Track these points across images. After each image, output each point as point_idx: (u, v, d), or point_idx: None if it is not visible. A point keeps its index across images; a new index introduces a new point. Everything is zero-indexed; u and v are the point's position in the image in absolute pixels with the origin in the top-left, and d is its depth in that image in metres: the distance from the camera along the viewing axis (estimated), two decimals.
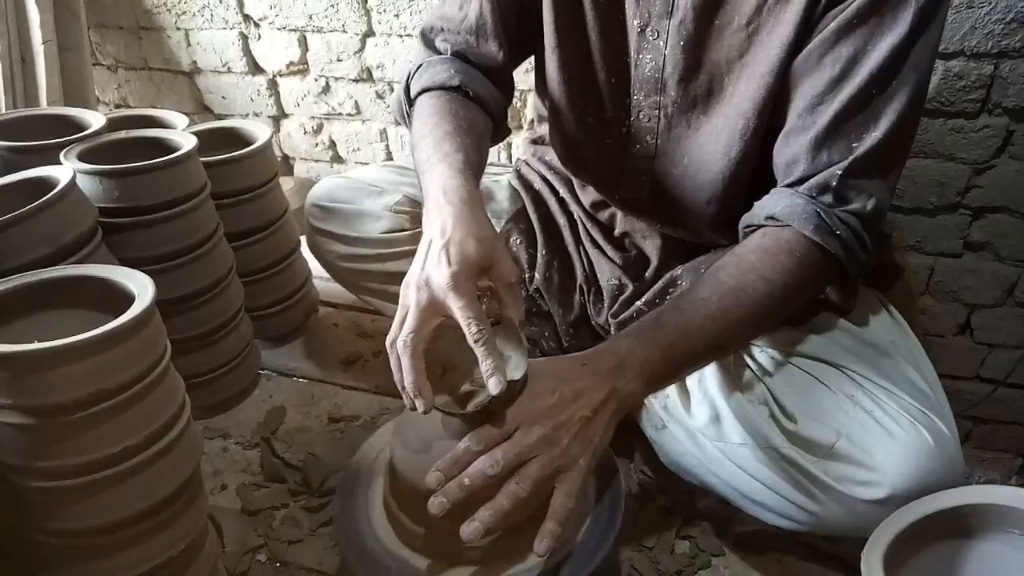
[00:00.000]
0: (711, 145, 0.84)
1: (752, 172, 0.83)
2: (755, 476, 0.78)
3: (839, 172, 0.74)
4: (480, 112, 0.90)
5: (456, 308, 0.67)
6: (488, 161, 0.93)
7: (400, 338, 0.69)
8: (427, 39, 0.94)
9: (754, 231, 0.79)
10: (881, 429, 0.73)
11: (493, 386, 0.65)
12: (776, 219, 0.76)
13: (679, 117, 0.85)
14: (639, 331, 0.73)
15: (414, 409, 0.69)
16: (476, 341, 0.66)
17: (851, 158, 0.74)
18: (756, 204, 0.80)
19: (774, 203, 0.77)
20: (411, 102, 0.91)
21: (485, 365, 0.66)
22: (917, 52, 0.71)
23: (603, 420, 0.70)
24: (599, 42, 0.86)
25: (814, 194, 0.75)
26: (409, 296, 0.70)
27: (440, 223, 0.72)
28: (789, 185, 0.78)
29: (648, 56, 0.84)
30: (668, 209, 0.92)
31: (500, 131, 0.96)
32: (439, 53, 0.92)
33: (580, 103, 0.91)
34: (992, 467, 1.43)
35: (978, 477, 1.38)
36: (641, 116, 0.88)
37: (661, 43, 0.82)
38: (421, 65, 0.91)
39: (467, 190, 0.75)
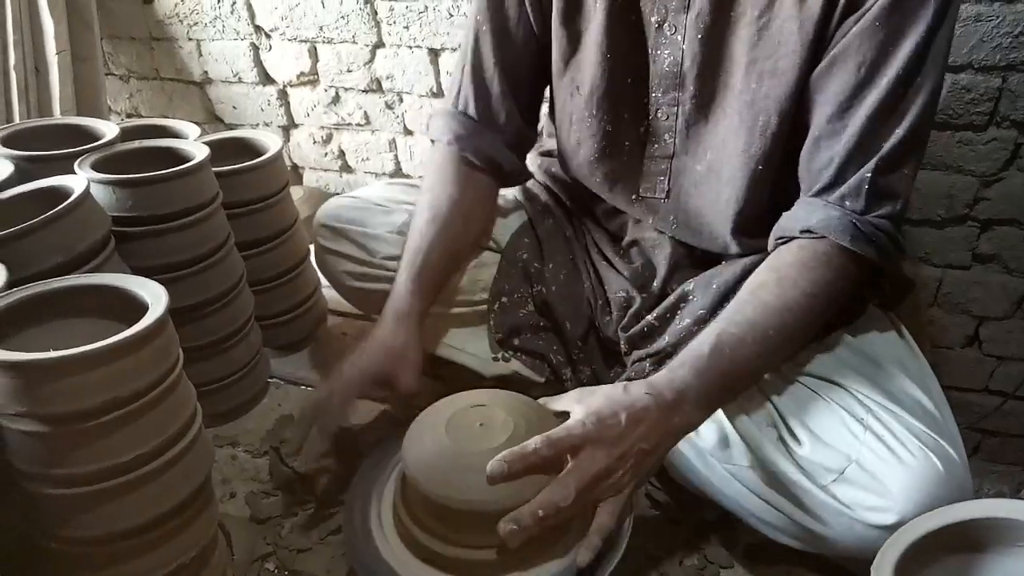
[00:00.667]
0: (732, 142, 0.84)
1: (776, 173, 0.83)
2: (763, 498, 0.77)
3: (868, 175, 0.75)
4: (475, 175, 1.00)
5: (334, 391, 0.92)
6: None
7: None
8: (449, 98, 1.03)
9: (786, 243, 0.79)
10: (891, 455, 0.72)
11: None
12: (812, 232, 0.76)
13: (697, 113, 0.86)
14: (695, 362, 0.74)
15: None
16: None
17: (877, 157, 0.74)
18: (786, 216, 0.80)
19: (807, 215, 0.77)
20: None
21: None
22: (937, 46, 0.72)
23: (659, 455, 0.74)
24: (614, 46, 0.87)
25: (846, 203, 0.76)
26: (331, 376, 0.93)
27: (378, 324, 0.95)
28: (818, 193, 0.78)
29: (666, 52, 0.85)
30: (687, 210, 0.92)
31: (512, 177, 1.04)
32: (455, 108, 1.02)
33: (596, 112, 0.92)
34: (1001, 480, 1.42)
35: (987, 490, 1.37)
36: (659, 114, 0.88)
37: (679, 38, 0.83)
38: (433, 115, 1.04)
39: (404, 309, 0.94)
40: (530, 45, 0.96)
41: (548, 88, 1.01)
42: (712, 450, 0.80)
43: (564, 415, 0.75)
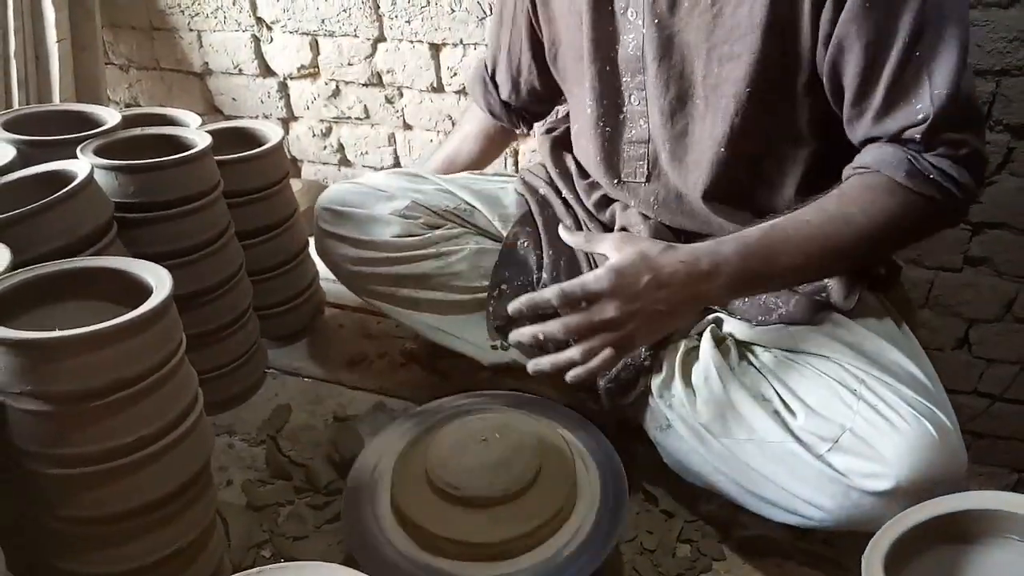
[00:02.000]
0: (698, 126, 0.87)
1: (742, 153, 0.85)
2: (761, 472, 0.78)
3: (917, 136, 0.75)
4: (491, 126, 1.22)
5: None
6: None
7: None
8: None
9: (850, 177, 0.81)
10: (885, 422, 0.74)
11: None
12: (866, 167, 0.78)
13: (662, 99, 0.89)
14: (743, 240, 0.77)
15: None
16: None
17: (926, 124, 0.74)
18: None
19: (865, 155, 0.79)
20: None
21: None
22: (943, 2, 0.72)
23: (676, 317, 0.79)
24: (592, 33, 0.91)
25: (903, 141, 0.76)
26: None
27: None
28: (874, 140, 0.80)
29: (631, 36, 0.88)
30: (665, 193, 0.95)
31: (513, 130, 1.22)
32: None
33: (580, 96, 0.97)
34: (990, 482, 1.44)
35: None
36: (632, 99, 0.92)
37: (640, 22, 0.86)
38: (473, 77, 1.21)
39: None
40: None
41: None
42: (709, 425, 0.81)
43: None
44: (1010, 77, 1.15)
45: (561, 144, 1.09)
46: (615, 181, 0.99)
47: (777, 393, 0.81)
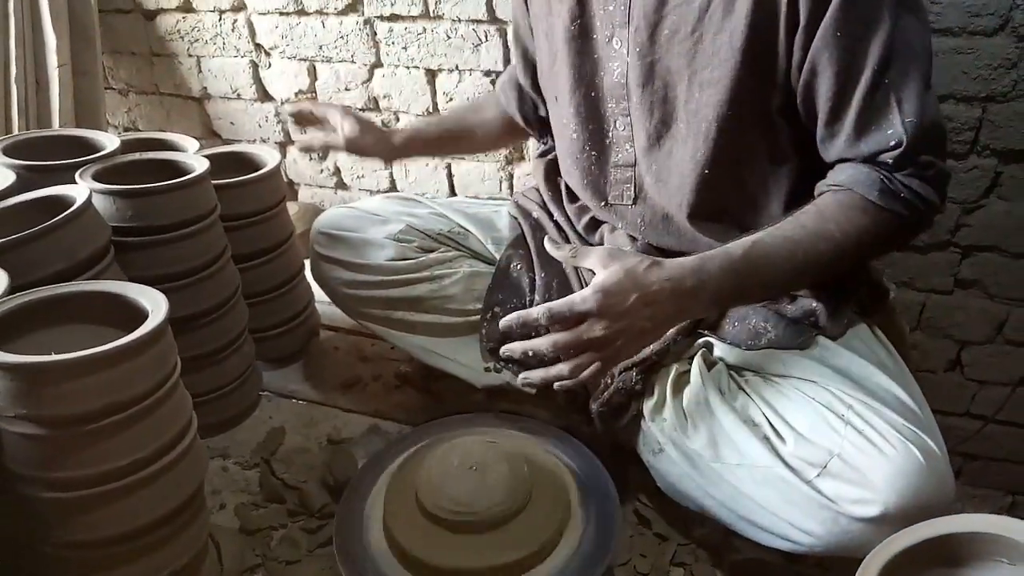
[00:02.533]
0: (678, 151, 0.89)
1: (723, 173, 0.87)
2: (752, 497, 0.79)
3: (889, 160, 0.78)
4: (495, 104, 1.20)
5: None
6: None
7: None
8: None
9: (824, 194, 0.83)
10: (873, 448, 0.74)
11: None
12: (840, 186, 0.81)
13: (645, 123, 0.91)
14: (727, 258, 0.79)
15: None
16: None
17: (900, 150, 0.77)
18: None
19: (839, 173, 0.82)
20: None
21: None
22: (908, 31, 0.76)
23: (661, 331, 0.81)
24: (577, 60, 0.94)
25: (876, 163, 0.79)
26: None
27: None
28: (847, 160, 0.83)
29: (615, 64, 0.91)
30: (652, 215, 0.96)
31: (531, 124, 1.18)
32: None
33: (566, 120, 0.99)
34: (983, 504, 1.44)
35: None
36: (618, 124, 0.94)
37: (624, 51, 0.89)
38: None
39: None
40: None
41: None
42: (701, 450, 0.82)
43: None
44: (995, 103, 1.17)
45: (554, 168, 1.11)
46: (602, 204, 1.00)
47: (767, 418, 0.81)
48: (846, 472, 0.74)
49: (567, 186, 1.08)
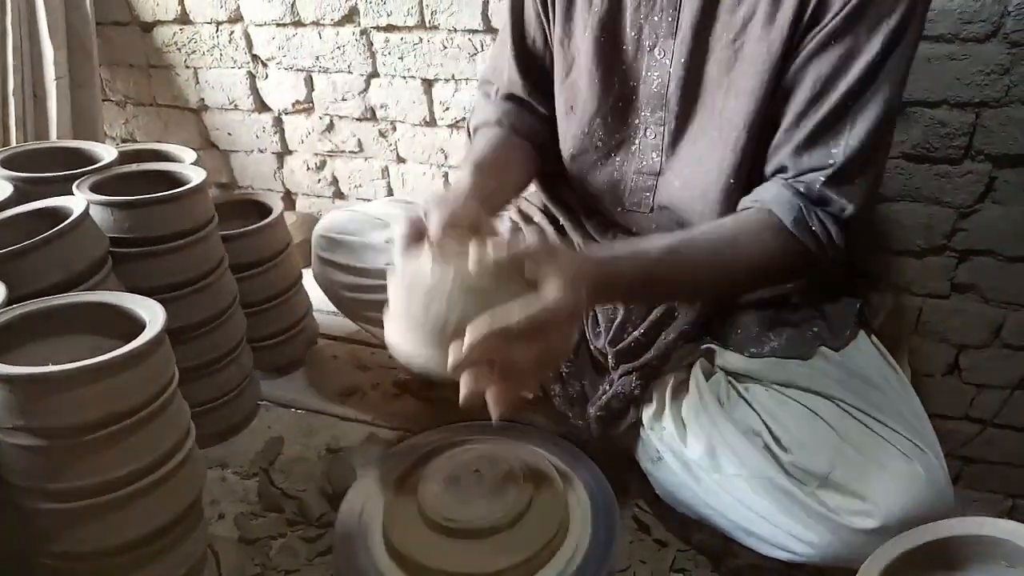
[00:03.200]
0: (708, 157, 0.88)
1: (744, 183, 0.87)
2: (751, 507, 0.79)
3: (821, 179, 0.80)
4: (515, 134, 1.04)
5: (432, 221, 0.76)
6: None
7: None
8: (484, 90, 1.09)
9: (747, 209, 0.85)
10: (873, 460, 0.74)
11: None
12: (762, 203, 0.82)
13: (681, 132, 0.90)
14: (641, 260, 0.78)
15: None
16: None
17: (832, 169, 0.79)
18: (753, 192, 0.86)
19: (765, 191, 0.83)
20: (471, 138, 1.08)
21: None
22: (891, 66, 0.77)
23: (566, 344, 0.74)
24: (604, 71, 0.92)
25: (801, 189, 0.81)
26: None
27: None
28: (779, 175, 0.84)
29: (655, 74, 0.90)
30: (667, 223, 0.96)
31: (547, 152, 1.06)
32: (492, 99, 1.07)
33: (589, 126, 0.97)
34: (983, 508, 1.43)
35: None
36: (648, 133, 0.93)
37: (667, 61, 0.88)
38: (475, 108, 1.09)
39: (466, 183, 0.88)
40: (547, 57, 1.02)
41: None
42: (700, 460, 0.82)
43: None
44: (989, 108, 1.18)
45: (555, 179, 1.10)
46: (619, 209, 1.00)
47: (767, 427, 0.81)
48: (847, 484, 0.74)
49: (574, 193, 1.07)
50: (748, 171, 0.86)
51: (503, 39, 1.05)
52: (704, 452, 0.82)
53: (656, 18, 0.87)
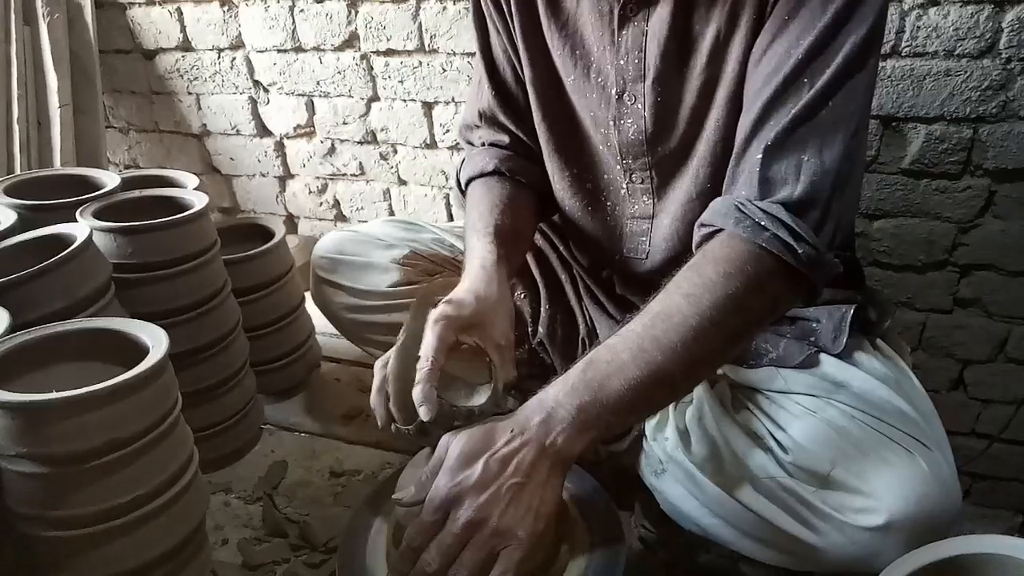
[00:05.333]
0: (693, 186, 0.87)
1: None
2: (755, 511, 0.78)
3: (758, 156, 0.72)
4: (519, 187, 0.99)
5: (425, 343, 0.75)
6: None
7: (379, 361, 0.77)
8: (466, 137, 1.06)
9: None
10: (876, 456, 0.73)
11: (423, 413, 0.71)
12: (704, 224, 0.76)
13: (669, 171, 0.89)
14: (568, 376, 0.70)
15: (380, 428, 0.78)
16: (419, 369, 0.72)
17: (765, 142, 0.72)
18: None
19: (703, 213, 0.77)
20: (464, 192, 1.03)
21: (417, 393, 0.71)
22: (842, 40, 0.71)
23: (539, 481, 0.67)
24: (584, 113, 0.91)
25: (741, 192, 0.74)
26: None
27: (463, 278, 0.85)
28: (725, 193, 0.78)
29: (629, 121, 0.87)
30: (665, 263, 0.94)
31: (549, 202, 1.03)
32: (476, 146, 1.03)
33: (575, 171, 0.96)
34: (992, 524, 1.42)
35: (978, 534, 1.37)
36: (634, 178, 0.91)
37: (639, 106, 0.85)
38: (464, 159, 1.03)
39: (491, 259, 0.86)
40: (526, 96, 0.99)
41: None
42: (703, 464, 0.81)
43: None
44: (986, 124, 1.19)
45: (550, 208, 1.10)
46: (616, 257, 0.98)
47: (768, 431, 0.81)
48: (849, 481, 0.73)
49: (569, 230, 1.05)
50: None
51: (478, 81, 1.01)
52: (707, 455, 0.81)
53: (622, 62, 0.84)
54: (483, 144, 1.02)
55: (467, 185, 1.02)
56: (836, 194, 0.73)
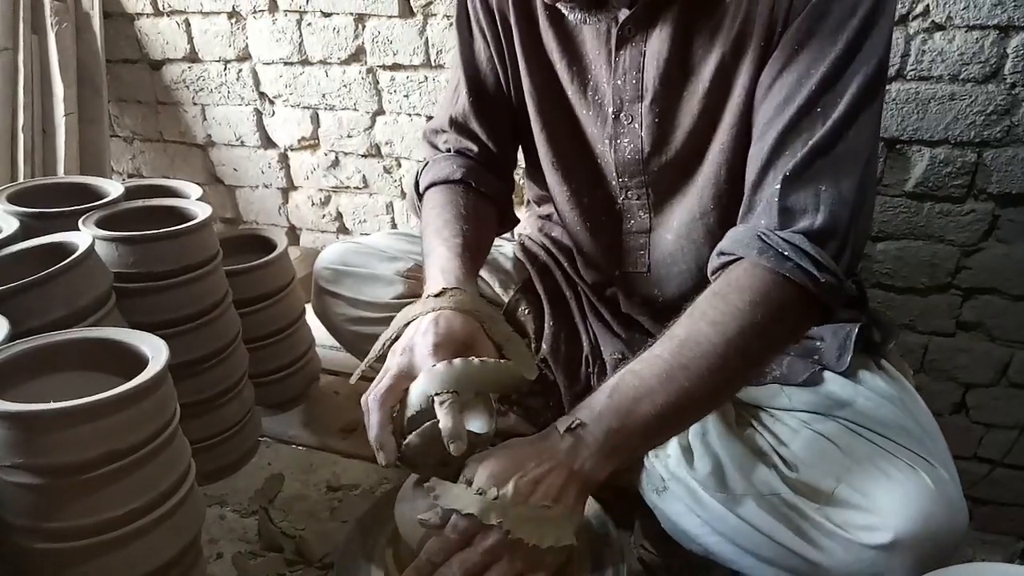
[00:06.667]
0: (694, 207, 0.87)
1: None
2: (758, 528, 0.77)
3: (777, 187, 0.73)
4: (482, 199, 0.98)
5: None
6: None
7: (371, 395, 0.74)
8: (431, 140, 1.05)
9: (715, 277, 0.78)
10: (880, 473, 0.73)
11: (454, 449, 0.68)
12: (724, 253, 0.76)
13: (666, 189, 0.89)
14: (593, 402, 0.71)
15: (384, 464, 0.73)
16: (440, 404, 0.69)
17: (783, 173, 0.72)
18: None
19: (722, 241, 0.78)
20: (420, 196, 1.01)
21: (446, 429, 0.68)
22: (854, 70, 0.72)
23: (567, 507, 0.68)
24: (583, 129, 0.92)
25: (761, 221, 0.74)
26: (392, 359, 0.77)
27: (424, 300, 0.80)
28: (741, 222, 0.78)
29: (626, 140, 0.88)
30: (667, 280, 0.95)
31: (507, 217, 1.04)
32: (441, 151, 1.02)
33: (573, 187, 0.96)
34: (994, 550, 1.41)
35: (980, 560, 1.36)
36: (631, 194, 0.92)
37: (636, 126, 0.86)
38: (427, 163, 1.02)
39: (463, 271, 0.84)
40: (508, 106, 0.99)
41: (526, 148, 1.04)
42: (706, 479, 0.80)
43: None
44: (990, 148, 1.19)
45: (552, 221, 1.10)
46: (616, 272, 0.99)
47: (772, 447, 0.80)
48: (853, 498, 0.72)
49: (571, 243, 1.06)
50: (728, 215, 0.84)
51: (455, 87, 1.01)
52: (710, 471, 0.80)
53: (619, 82, 0.85)
54: (448, 150, 1.01)
55: (427, 189, 1.00)
56: (853, 223, 0.74)
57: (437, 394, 0.71)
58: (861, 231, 0.77)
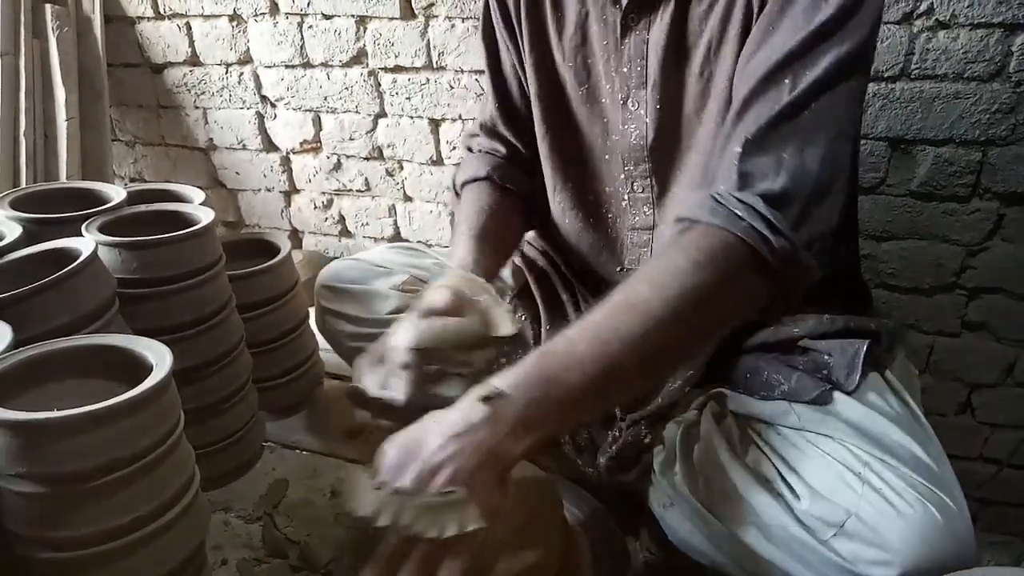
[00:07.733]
0: (691, 197, 0.86)
1: None
2: (764, 555, 0.76)
3: (737, 150, 0.71)
4: (507, 194, 1.02)
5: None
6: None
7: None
8: (467, 143, 1.10)
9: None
10: (890, 508, 0.72)
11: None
12: (680, 219, 0.73)
13: (669, 180, 0.89)
14: (519, 368, 0.65)
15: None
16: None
17: (749, 133, 0.70)
18: None
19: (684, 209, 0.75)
20: (458, 195, 1.06)
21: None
22: (824, 49, 0.70)
23: (485, 489, 0.62)
24: (586, 125, 0.92)
25: (720, 187, 0.71)
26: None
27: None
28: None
29: (632, 126, 0.89)
30: None
31: (536, 213, 1.06)
32: (474, 153, 1.07)
33: (577, 184, 0.97)
34: (1001, 551, 1.40)
35: (987, 561, 1.35)
36: (635, 187, 0.92)
37: (642, 112, 0.87)
38: (461, 164, 1.08)
39: (470, 258, 0.89)
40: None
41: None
42: (711, 505, 0.79)
43: None
44: (995, 147, 1.18)
45: (547, 221, 1.10)
46: (618, 270, 0.98)
47: (780, 474, 0.79)
48: (863, 532, 0.72)
49: (568, 245, 1.05)
50: None
51: (485, 94, 1.06)
52: (716, 498, 0.80)
53: (625, 69, 0.86)
54: (480, 151, 1.06)
55: (462, 188, 1.05)
56: (815, 197, 0.71)
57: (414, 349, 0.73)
58: (828, 207, 0.73)
